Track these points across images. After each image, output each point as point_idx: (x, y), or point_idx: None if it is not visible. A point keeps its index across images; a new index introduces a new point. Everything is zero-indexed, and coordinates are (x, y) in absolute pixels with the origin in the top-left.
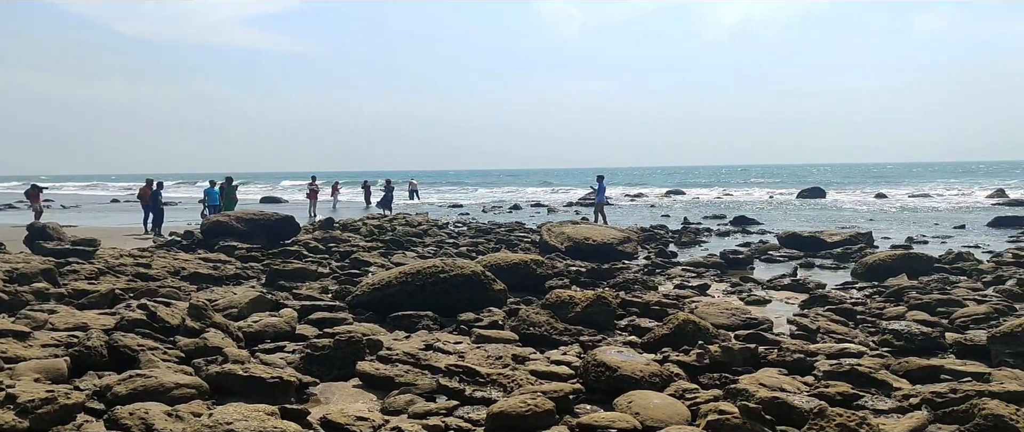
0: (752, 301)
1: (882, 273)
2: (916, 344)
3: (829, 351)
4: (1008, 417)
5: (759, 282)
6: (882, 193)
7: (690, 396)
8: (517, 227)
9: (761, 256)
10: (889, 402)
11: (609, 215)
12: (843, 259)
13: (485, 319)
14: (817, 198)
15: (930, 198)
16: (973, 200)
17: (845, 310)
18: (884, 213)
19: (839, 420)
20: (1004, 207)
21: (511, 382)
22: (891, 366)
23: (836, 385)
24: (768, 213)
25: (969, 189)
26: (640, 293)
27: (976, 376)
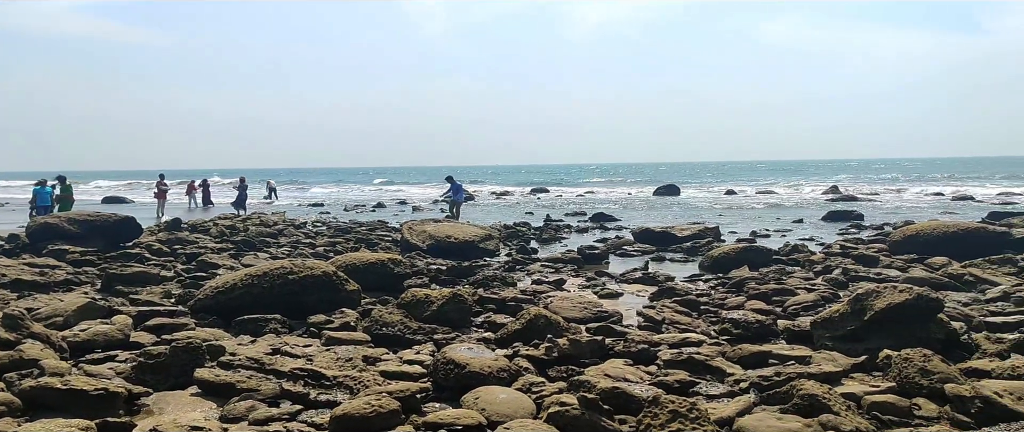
0: (605, 295)
1: (726, 265)
2: (752, 332)
3: (672, 341)
4: (821, 396)
5: (613, 276)
6: (731, 190)
7: (537, 390)
8: (379, 226)
9: (616, 251)
10: (722, 387)
11: (474, 213)
12: (692, 253)
13: (336, 321)
14: (672, 195)
15: (774, 194)
16: (810, 196)
17: (690, 301)
18: (732, 209)
19: (671, 407)
20: (836, 202)
21: (358, 384)
22: (727, 353)
23: (675, 373)
24: (626, 210)
25: (807, 185)
26: (498, 290)
27: (799, 359)
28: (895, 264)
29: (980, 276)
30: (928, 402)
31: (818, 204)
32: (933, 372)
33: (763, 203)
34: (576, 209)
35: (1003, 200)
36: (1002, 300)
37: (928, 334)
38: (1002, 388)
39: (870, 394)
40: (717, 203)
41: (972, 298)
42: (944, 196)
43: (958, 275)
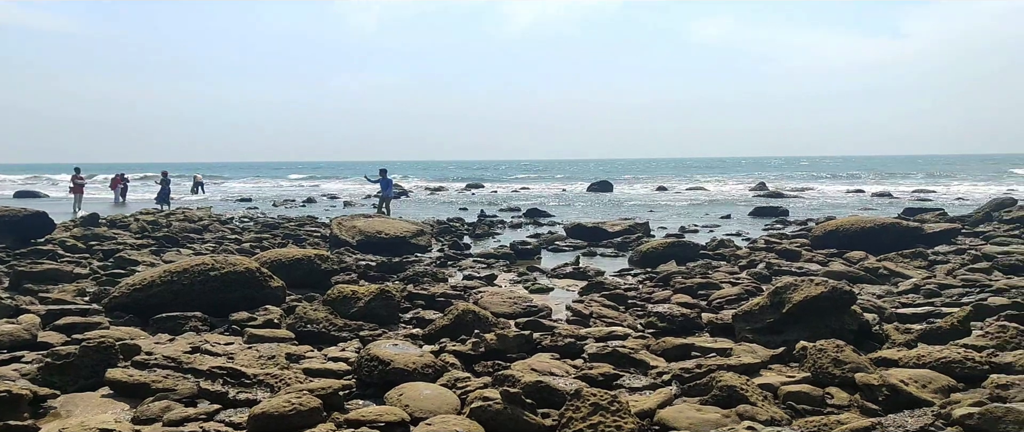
0: (536, 289)
1: (655, 260)
2: (677, 325)
3: (599, 334)
4: (739, 387)
5: (544, 271)
6: (663, 186)
7: (462, 385)
8: (308, 221)
9: (549, 246)
10: (645, 380)
11: (407, 209)
12: (623, 248)
13: (260, 318)
14: (605, 191)
15: (704, 191)
16: (738, 192)
17: (618, 295)
18: (663, 205)
19: (593, 400)
20: (763, 199)
21: (279, 382)
22: (651, 346)
23: (600, 366)
24: (560, 206)
25: (736, 182)
26: (428, 286)
27: (720, 352)
28: (816, 258)
29: (894, 269)
30: (840, 391)
31: (746, 200)
32: (845, 362)
33: (693, 199)
34: (511, 205)
35: (919, 197)
36: (913, 292)
37: (842, 325)
38: (908, 376)
39: (786, 384)
40: (649, 199)
41: (886, 290)
42: (864, 193)
43: (874, 269)
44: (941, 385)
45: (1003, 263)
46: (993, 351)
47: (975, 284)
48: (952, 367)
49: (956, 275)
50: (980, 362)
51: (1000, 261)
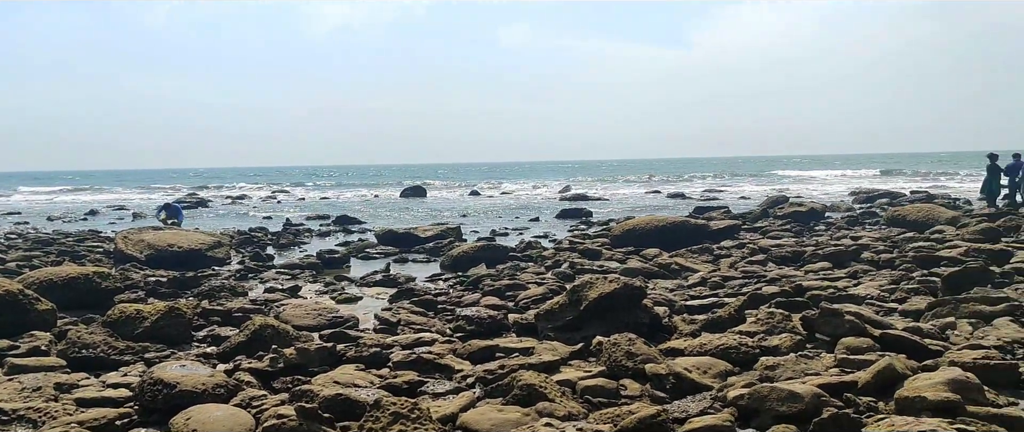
0: (343, 299)
1: (465, 264)
2: (485, 327)
3: (405, 342)
4: (539, 385)
5: (353, 280)
6: (476, 190)
7: (257, 404)
8: (90, 236)
9: (358, 254)
10: (449, 384)
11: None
12: (434, 253)
13: (23, 345)
14: (418, 197)
15: (514, 194)
16: (546, 195)
17: (427, 301)
18: (475, 209)
19: (393, 409)
20: (568, 201)
21: (44, 415)
22: (458, 350)
23: (404, 374)
24: (371, 212)
25: (544, 185)
26: (225, 300)
27: (523, 351)
28: (615, 256)
29: (684, 264)
30: (633, 382)
31: (553, 203)
32: (637, 354)
33: (504, 203)
34: (319, 212)
35: (707, 196)
36: (700, 285)
37: (635, 319)
38: (691, 364)
39: (583, 379)
40: (462, 204)
41: (677, 284)
42: (661, 194)
43: (666, 264)
44: (720, 370)
45: (776, 255)
46: (763, 336)
47: (753, 275)
48: (729, 353)
49: (737, 267)
50: (752, 347)
51: (773, 253)
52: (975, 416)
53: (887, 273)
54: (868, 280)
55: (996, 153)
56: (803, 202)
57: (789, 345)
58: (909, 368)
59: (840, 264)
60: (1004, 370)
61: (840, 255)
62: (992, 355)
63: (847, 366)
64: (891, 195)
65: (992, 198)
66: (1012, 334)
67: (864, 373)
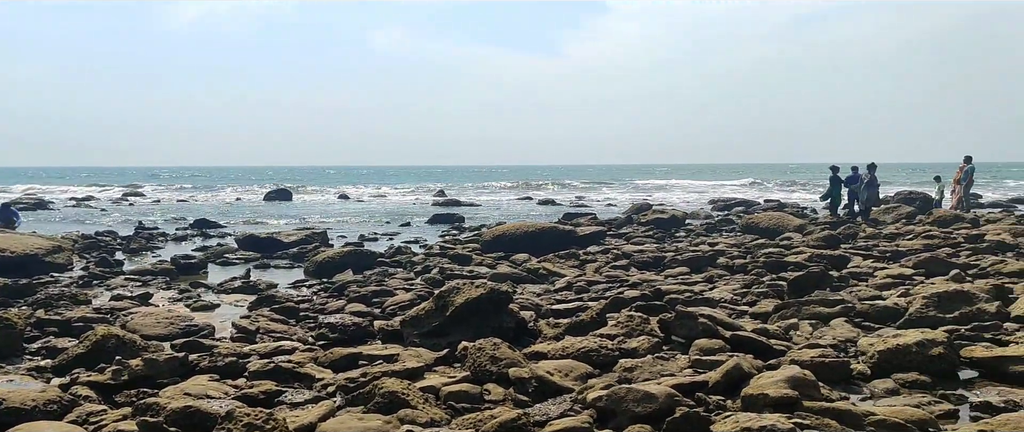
0: (199, 307)
1: (331, 269)
2: (349, 334)
3: (264, 350)
4: (401, 392)
5: (210, 287)
6: (345, 194)
7: (95, 420)
8: None
9: (217, 259)
10: (308, 393)
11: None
12: (299, 258)
13: None
14: (284, 200)
15: (387, 198)
16: (420, 200)
17: (288, 308)
18: (344, 213)
19: (247, 420)
20: (440, 206)
21: None
22: (319, 358)
23: (261, 384)
24: (233, 215)
25: (418, 190)
26: (65, 309)
27: (387, 358)
28: (486, 262)
29: (552, 269)
30: (497, 386)
31: (426, 208)
32: (501, 359)
33: (375, 207)
34: (175, 215)
35: (576, 203)
36: (566, 289)
37: (501, 324)
38: (554, 367)
39: (447, 385)
40: (330, 208)
41: (544, 289)
42: (532, 200)
43: (535, 269)
44: (581, 372)
45: (638, 260)
46: (623, 338)
47: (616, 280)
48: (590, 355)
49: (602, 272)
50: (612, 349)
51: (636, 258)
52: (810, 411)
53: (740, 277)
54: (723, 284)
55: (838, 165)
56: (665, 210)
57: (647, 347)
58: (755, 367)
59: (697, 269)
60: (837, 367)
61: (698, 260)
62: (828, 353)
63: (700, 366)
64: (746, 204)
65: (834, 207)
66: (846, 333)
67: (714, 373)
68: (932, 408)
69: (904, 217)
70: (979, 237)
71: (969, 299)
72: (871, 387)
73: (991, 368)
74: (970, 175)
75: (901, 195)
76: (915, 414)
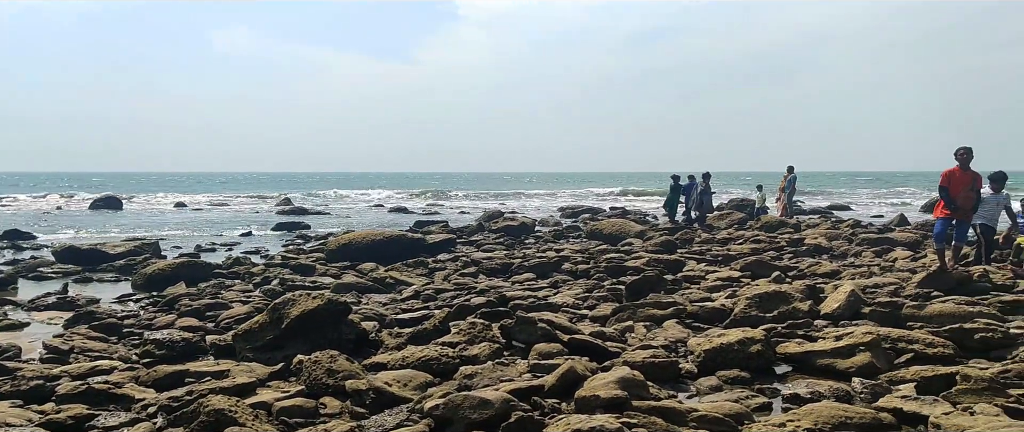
0: (5, 326)
1: (162, 282)
2: (178, 350)
3: (78, 371)
4: (228, 410)
5: (20, 304)
6: (182, 202)
7: None
8: None
9: (29, 274)
10: (124, 416)
11: None
12: (126, 271)
13: None
14: (112, 209)
15: (227, 207)
16: (262, 208)
17: (110, 325)
18: (180, 222)
19: None
20: (285, 215)
21: None
22: (141, 377)
23: (71, 408)
24: (51, 225)
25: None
26: None
27: (216, 375)
28: (330, 272)
29: (399, 278)
30: (334, 399)
31: (270, 216)
32: (338, 371)
33: (214, 216)
34: None
35: (429, 211)
36: (413, 298)
37: (341, 335)
38: (392, 378)
39: (280, 400)
40: (164, 216)
41: (391, 298)
42: (384, 208)
43: (382, 278)
44: (421, 381)
45: (487, 267)
46: (465, 346)
47: (464, 287)
48: (431, 364)
49: (450, 280)
50: (453, 357)
51: (484, 265)
52: (638, 410)
53: (583, 282)
54: (566, 289)
55: (678, 174)
56: (516, 217)
57: (488, 353)
58: (590, 369)
59: (543, 275)
60: (666, 367)
61: (544, 266)
62: (659, 354)
63: (538, 370)
64: (592, 211)
65: (672, 214)
66: (677, 334)
67: (550, 377)
68: (749, 402)
69: (736, 223)
70: (800, 241)
71: (786, 299)
72: (697, 385)
73: (802, 362)
74: (793, 184)
75: (734, 202)
76: (733, 408)
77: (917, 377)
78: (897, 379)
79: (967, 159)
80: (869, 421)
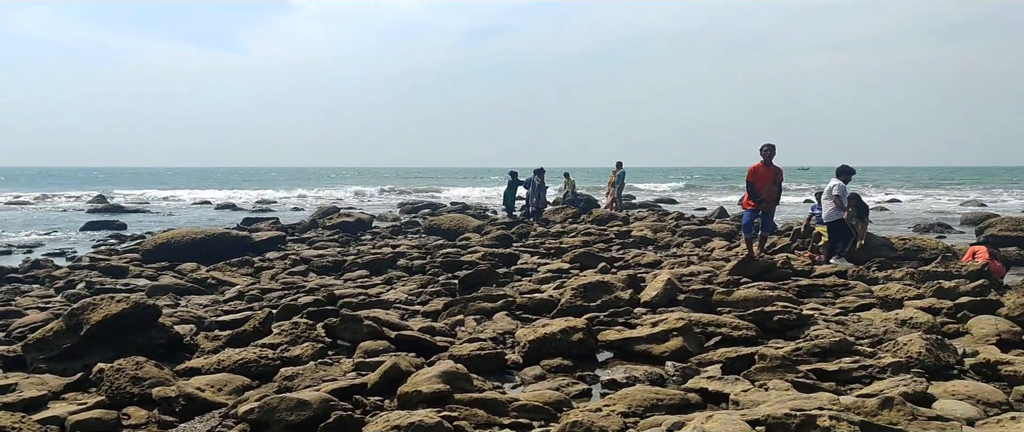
0: None
1: None
2: None
3: None
4: (11, 427)
5: None
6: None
7: None
8: None
9: None
10: None
11: None
12: None
13: None
14: None
15: (28, 204)
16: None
17: None
18: None
19: None
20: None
21: None
22: None
23: None
24: None
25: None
26: None
27: (2, 389)
28: (146, 273)
29: (222, 278)
30: (139, 409)
31: (80, 215)
32: (145, 378)
33: (13, 215)
34: None
35: (259, 208)
36: (237, 299)
37: (151, 340)
38: (206, 383)
39: (76, 413)
40: None
41: (212, 300)
42: (211, 204)
43: (203, 279)
44: (237, 385)
45: (317, 265)
46: (287, 347)
47: (293, 286)
48: (248, 367)
49: (278, 279)
50: (273, 359)
51: (315, 263)
52: (461, 403)
53: (418, 278)
54: (401, 285)
55: (516, 170)
56: (352, 213)
57: (311, 353)
58: (414, 365)
59: (378, 271)
60: (492, 358)
61: (378, 262)
62: (486, 346)
63: (363, 369)
64: (432, 206)
65: (510, 208)
66: (506, 326)
67: (374, 374)
68: (569, 389)
69: (570, 216)
70: (627, 233)
71: (609, 288)
72: (523, 375)
73: (621, 348)
74: (622, 179)
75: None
76: (553, 396)
77: (723, 358)
78: (706, 361)
79: (770, 155)
80: (678, 402)
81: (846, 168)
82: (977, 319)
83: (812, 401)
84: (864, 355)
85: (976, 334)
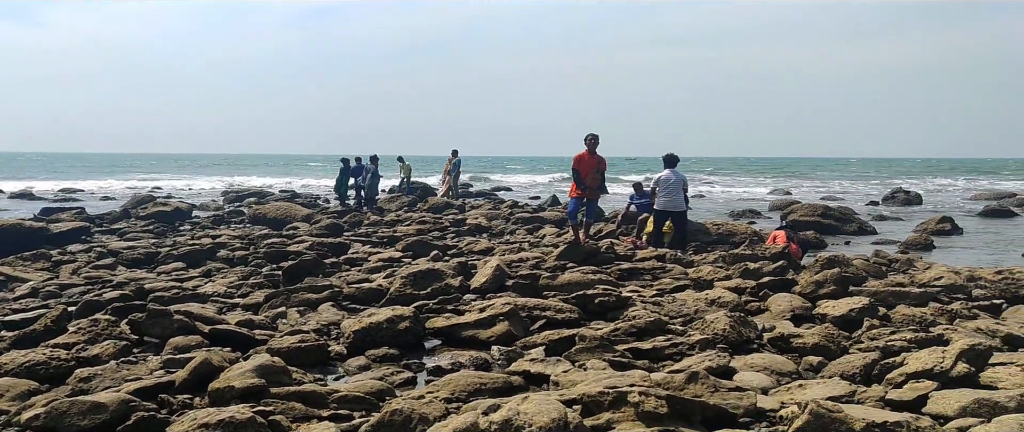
0: None
1: None
2: None
3: None
4: None
5: None
6: None
7: None
8: None
9: None
10: None
11: None
12: None
13: None
14: None
15: None
16: None
17: None
18: None
19: None
20: None
21: None
22: None
23: None
24: None
25: None
26: None
27: None
28: None
29: (12, 274)
30: None
31: None
32: None
33: None
34: None
35: (64, 196)
36: (30, 296)
37: None
38: None
39: None
40: None
41: (2, 297)
42: (3, 193)
43: None
44: (22, 390)
45: (127, 258)
46: (84, 346)
47: (98, 281)
48: (36, 369)
49: (81, 273)
50: (67, 359)
51: (125, 256)
52: (277, 396)
53: (239, 270)
54: (220, 278)
55: (348, 158)
56: (169, 202)
57: (112, 352)
58: (229, 360)
59: (195, 264)
60: (313, 350)
61: (196, 254)
62: (307, 338)
63: (172, 366)
64: (260, 194)
65: (343, 197)
66: (331, 317)
67: (182, 371)
68: (394, 378)
69: (406, 205)
70: (463, 221)
71: (439, 276)
72: (346, 366)
73: (449, 335)
74: (458, 167)
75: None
76: (376, 386)
77: (546, 341)
78: (530, 344)
79: (594, 144)
80: (501, 385)
81: (675, 157)
82: (775, 297)
83: (625, 378)
84: (676, 333)
85: (774, 311)
